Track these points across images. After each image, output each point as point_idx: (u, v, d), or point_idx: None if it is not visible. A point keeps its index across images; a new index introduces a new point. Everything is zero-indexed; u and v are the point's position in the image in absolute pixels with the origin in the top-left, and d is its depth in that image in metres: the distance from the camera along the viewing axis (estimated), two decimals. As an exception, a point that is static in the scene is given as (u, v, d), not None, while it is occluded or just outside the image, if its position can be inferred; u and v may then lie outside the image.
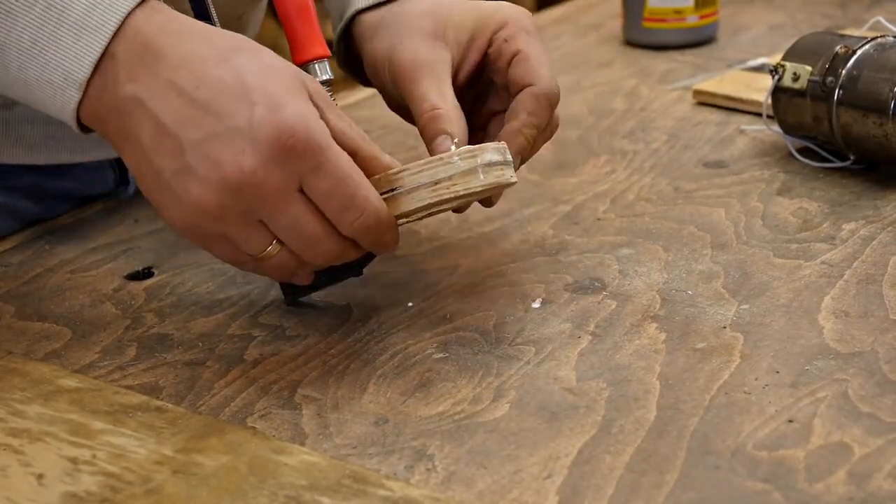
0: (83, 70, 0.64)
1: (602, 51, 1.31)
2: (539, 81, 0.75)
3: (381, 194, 0.67)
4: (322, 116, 0.65)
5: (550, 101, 0.76)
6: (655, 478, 0.59)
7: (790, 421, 0.63)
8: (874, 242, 0.82)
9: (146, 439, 0.63)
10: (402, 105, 0.79)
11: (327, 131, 0.64)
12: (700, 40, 1.30)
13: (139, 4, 0.65)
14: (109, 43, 0.64)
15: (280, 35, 0.82)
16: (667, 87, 1.17)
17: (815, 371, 0.67)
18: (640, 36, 1.30)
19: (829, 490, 0.57)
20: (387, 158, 0.68)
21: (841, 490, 0.57)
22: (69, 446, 0.63)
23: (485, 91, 0.80)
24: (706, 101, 1.11)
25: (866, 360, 0.68)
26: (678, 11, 1.28)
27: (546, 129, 0.77)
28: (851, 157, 0.93)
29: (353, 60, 0.84)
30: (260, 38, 1.19)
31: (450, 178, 0.67)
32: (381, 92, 0.82)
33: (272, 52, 0.66)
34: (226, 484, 0.59)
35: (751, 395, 0.65)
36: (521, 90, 0.76)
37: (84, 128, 0.66)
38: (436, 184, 0.67)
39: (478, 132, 0.79)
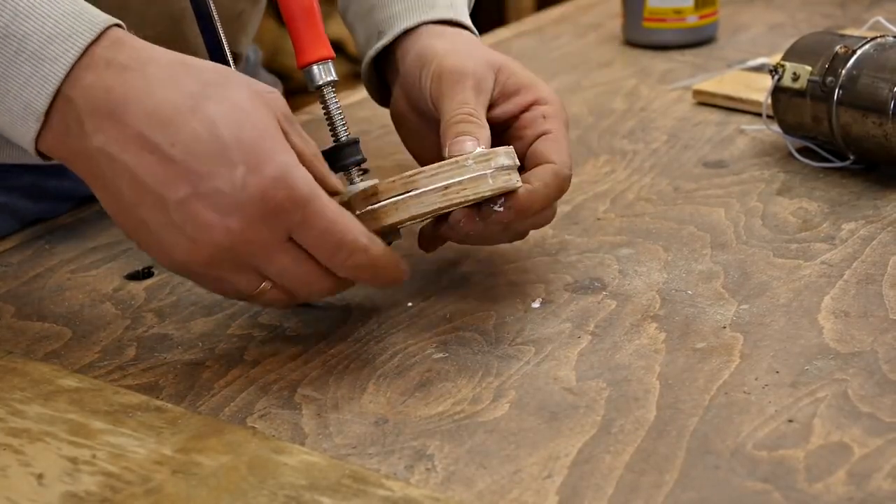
0: (41, 101, 0.64)
1: (602, 51, 1.31)
2: (562, 162, 0.75)
3: (396, 196, 0.67)
4: (287, 140, 0.65)
5: (564, 183, 0.75)
6: (655, 477, 0.59)
7: (790, 421, 0.63)
8: (874, 242, 0.82)
9: (146, 439, 0.63)
10: (410, 109, 0.81)
11: (308, 177, 0.64)
12: (700, 40, 1.30)
13: (99, 37, 0.64)
14: (63, 84, 0.63)
15: (281, 35, 0.82)
16: (667, 87, 1.17)
17: (814, 371, 0.67)
18: (640, 36, 1.30)
19: (829, 490, 0.57)
20: (332, 179, 0.68)
21: (840, 490, 0.57)
22: (69, 446, 0.63)
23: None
24: (706, 101, 1.11)
25: (866, 360, 0.68)
26: (678, 11, 1.28)
27: (549, 209, 0.76)
28: (851, 157, 0.93)
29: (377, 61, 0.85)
30: (260, 38, 1.19)
31: (460, 182, 0.68)
32: (393, 88, 0.83)
33: (238, 77, 0.66)
34: (225, 484, 0.59)
35: (750, 395, 0.65)
36: (541, 164, 0.74)
37: (44, 157, 0.66)
38: (446, 188, 0.68)
39: None
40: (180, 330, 0.75)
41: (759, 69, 1.16)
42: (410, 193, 0.68)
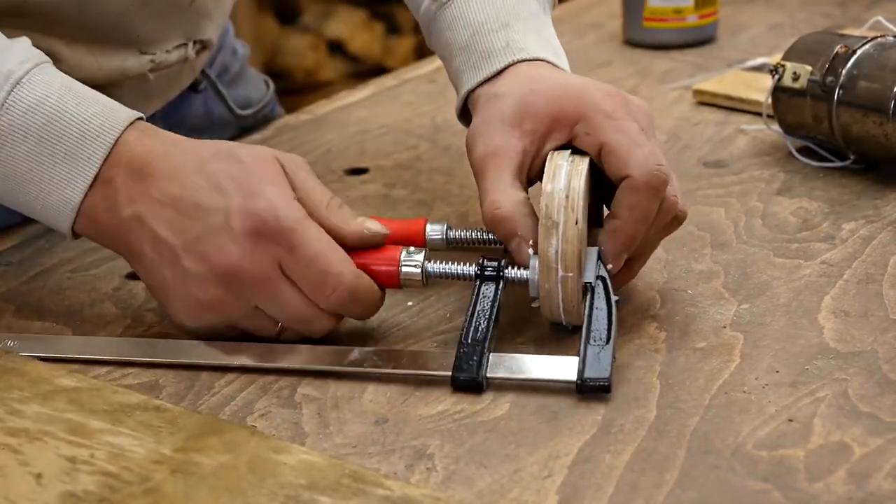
0: (77, 195, 0.71)
1: (602, 50, 1.31)
2: (633, 170, 0.69)
3: None
4: (297, 195, 0.69)
5: (650, 187, 0.69)
6: (655, 477, 0.59)
7: (790, 420, 0.63)
8: (874, 242, 0.82)
9: (145, 438, 0.63)
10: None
11: (301, 213, 0.68)
12: (700, 40, 1.30)
13: (127, 128, 0.71)
14: (101, 169, 0.70)
15: (281, 34, 0.82)
16: (667, 86, 1.17)
17: (814, 371, 0.67)
18: (640, 35, 1.30)
19: (829, 489, 0.57)
20: (351, 227, 0.70)
21: (840, 490, 0.57)
22: (67, 446, 0.63)
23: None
24: (706, 100, 1.11)
25: (866, 360, 0.68)
26: (678, 11, 1.28)
27: (658, 215, 0.71)
28: (851, 157, 0.93)
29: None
30: (259, 38, 1.19)
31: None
32: None
33: (249, 147, 0.71)
34: (225, 483, 0.59)
35: (751, 394, 0.65)
36: (620, 183, 0.70)
37: (77, 235, 0.73)
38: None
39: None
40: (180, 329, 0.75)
41: (759, 69, 1.16)
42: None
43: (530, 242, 0.70)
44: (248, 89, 1.13)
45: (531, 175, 0.74)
